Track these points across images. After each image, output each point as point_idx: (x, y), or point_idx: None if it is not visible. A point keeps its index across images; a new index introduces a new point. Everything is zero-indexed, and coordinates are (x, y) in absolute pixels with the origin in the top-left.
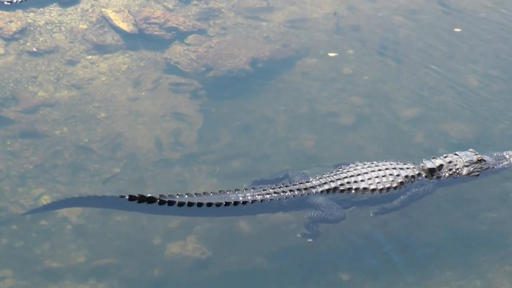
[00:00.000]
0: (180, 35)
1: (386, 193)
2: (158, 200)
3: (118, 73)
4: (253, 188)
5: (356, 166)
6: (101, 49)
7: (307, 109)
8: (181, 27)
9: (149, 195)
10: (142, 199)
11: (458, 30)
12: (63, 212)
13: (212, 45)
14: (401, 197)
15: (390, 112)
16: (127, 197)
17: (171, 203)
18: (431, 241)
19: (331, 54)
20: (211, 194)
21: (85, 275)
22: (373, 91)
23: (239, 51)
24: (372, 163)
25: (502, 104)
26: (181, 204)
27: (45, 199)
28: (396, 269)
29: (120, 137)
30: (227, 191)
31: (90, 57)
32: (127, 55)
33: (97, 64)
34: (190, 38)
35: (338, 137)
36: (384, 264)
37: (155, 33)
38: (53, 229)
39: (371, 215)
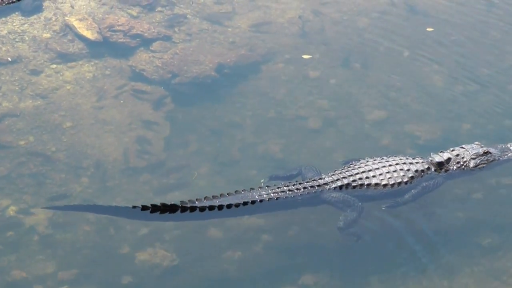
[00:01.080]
0: (145, 42)
1: (397, 188)
2: (180, 207)
3: (83, 82)
4: (267, 186)
5: (367, 162)
6: (65, 57)
7: (274, 113)
8: (146, 34)
9: (171, 202)
10: (165, 208)
11: (430, 29)
12: (30, 222)
13: (178, 51)
14: (412, 191)
15: (357, 114)
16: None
17: (192, 209)
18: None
19: (305, 56)
20: (227, 195)
21: (53, 286)
22: (339, 94)
23: (205, 57)
24: (382, 159)
25: (467, 104)
26: (202, 209)
27: (12, 210)
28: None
29: (86, 146)
30: (242, 191)
31: (54, 66)
32: (92, 63)
33: (61, 73)
34: (155, 45)
35: (306, 141)
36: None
37: (120, 40)
38: (20, 240)
39: (383, 209)
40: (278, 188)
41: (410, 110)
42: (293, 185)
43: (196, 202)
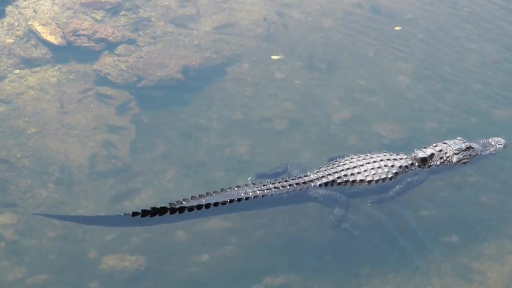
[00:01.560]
0: (110, 46)
1: (382, 184)
2: (169, 209)
3: (48, 87)
4: (253, 184)
5: (351, 159)
6: (29, 63)
7: (240, 115)
8: (110, 38)
9: (161, 205)
10: (154, 211)
11: (398, 28)
12: None
13: (142, 54)
14: (397, 186)
15: (323, 115)
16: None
17: (181, 209)
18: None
19: (274, 57)
20: (214, 193)
21: None
22: (305, 95)
23: (170, 60)
24: (367, 155)
25: (432, 103)
26: (191, 209)
27: None
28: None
29: (51, 151)
30: (228, 188)
31: (18, 71)
32: (56, 68)
33: (25, 78)
34: (119, 49)
35: (272, 142)
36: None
37: (84, 45)
38: None
39: (368, 204)
40: (264, 185)
41: (376, 109)
42: (279, 182)
43: (184, 203)
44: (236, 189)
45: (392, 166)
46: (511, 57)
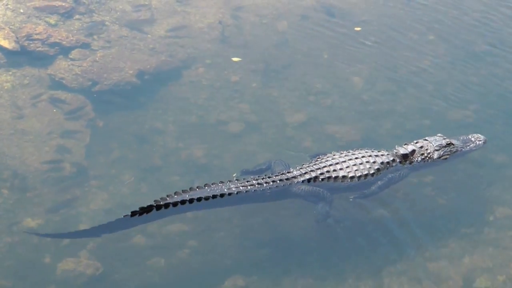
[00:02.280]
0: (64, 50)
1: (364, 180)
2: (155, 206)
3: (1, 92)
4: (237, 180)
5: (334, 155)
6: None
7: (196, 118)
8: (64, 42)
9: (148, 204)
10: (142, 210)
11: (358, 28)
12: None
13: (97, 59)
14: (379, 182)
15: (278, 117)
16: (129, 215)
17: (167, 205)
18: None
19: (234, 59)
20: (197, 189)
21: None
22: (260, 97)
23: (125, 64)
24: (349, 152)
25: (387, 104)
26: (175, 204)
27: None
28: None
29: (5, 156)
30: (212, 184)
31: None
32: (10, 73)
33: None
34: (74, 53)
35: (228, 145)
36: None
37: (38, 49)
38: None
39: (351, 200)
40: (247, 181)
41: (331, 111)
42: (262, 179)
43: (168, 199)
44: (220, 184)
45: (374, 162)
46: (464, 58)
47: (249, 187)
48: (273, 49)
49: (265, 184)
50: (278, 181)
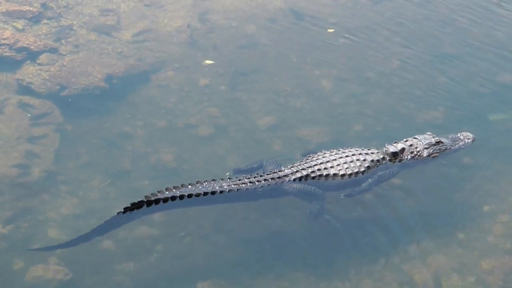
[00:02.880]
0: (32, 55)
1: (354, 178)
2: (146, 202)
3: None
4: (229, 179)
5: (324, 153)
6: None
7: (165, 122)
8: (32, 47)
9: (139, 199)
10: (133, 206)
11: (331, 30)
12: None
13: (65, 63)
14: (369, 180)
15: (248, 121)
16: (122, 211)
17: (157, 201)
18: None
19: (207, 62)
20: (189, 186)
21: None
22: (230, 101)
23: (93, 68)
24: (339, 150)
25: (356, 107)
26: (165, 200)
27: None
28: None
29: None
30: (204, 181)
31: None
32: None
33: None
34: (42, 58)
35: (198, 149)
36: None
37: (5, 54)
38: None
39: (342, 197)
40: (239, 180)
41: (300, 114)
42: (254, 177)
43: (159, 194)
44: (212, 182)
45: (364, 160)
46: (432, 60)
47: (241, 185)
48: (242, 52)
49: (257, 183)
50: (270, 180)
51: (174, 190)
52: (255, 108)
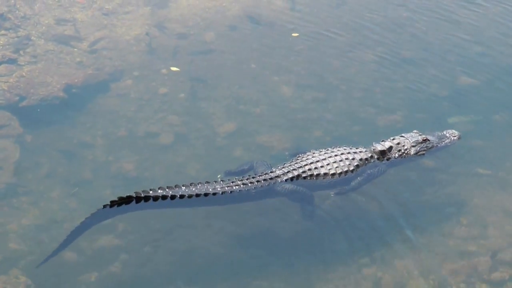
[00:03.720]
0: None
1: (344, 176)
2: (135, 198)
3: None
4: (222, 181)
5: (314, 154)
6: None
7: (125, 131)
8: None
9: (126, 194)
10: (121, 200)
11: (296, 34)
12: None
13: (24, 74)
14: (358, 178)
15: (208, 128)
16: (109, 204)
17: (147, 198)
18: None
19: (173, 69)
20: (182, 186)
21: None
22: (189, 108)
23: (52, 78)
24: (328, 150)
25: (316, 112)
26: (156, 198)
27: None
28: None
29: None
30: (198, 183)
31: None
32: None
33: None
34: (0, 69)
35: (159, 157)
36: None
37: None
38: None
39: (332, 195)
40: (232, 182)
41: (260, 121)
42: (247, 179)
43: (150, 192)
44: (205, 184)
45: (353, 159)
46: (388, 65)
47: (234, 187)
48: (201, 59)
49: (249, 184)
50: (262, 181)
51: (166, 189)
52: (215, 115)
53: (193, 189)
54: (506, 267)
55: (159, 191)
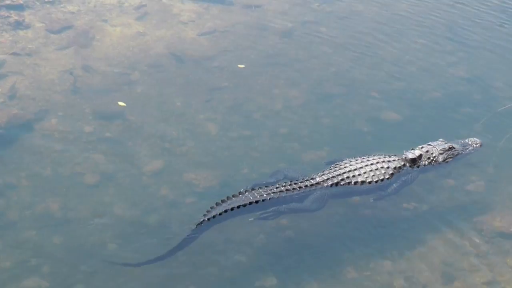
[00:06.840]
0: None
1: (380, 184)
2: (207, 219)
3: None
4: (267, 187)
5: (351, 162)
6: None
7: (50, 171)
8: None
9: (201, 219)
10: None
11: (242, 66)
12: None
13: None
14: (394, 185)
15: (134, 167)
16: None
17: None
18: None
19: (120, 104)
20: (233, 197)
21: None
22: (115, 148)
23: None
24: (363, 158)
25: (242, 150)
26: (220, 213)
27: None
28: None
29: None
30: (245, 191)
31: None
32: None
33: None
34: None
35: (85, 197)
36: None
37: None
38: None
39: (371, 201)
40: (276, 188)
41: (187, 158)
42: (289, 185)
43: (212, 210)
44: (253, 191)
45: (388, 167)
46: (316, 99)
47: (279, 193)
48: (125, 98)
49: (293, 190)
50: (304, 187)
51: (222, 204)
52: (141, 154)
53: (244, 198)
54: None
55: (217, 207)
